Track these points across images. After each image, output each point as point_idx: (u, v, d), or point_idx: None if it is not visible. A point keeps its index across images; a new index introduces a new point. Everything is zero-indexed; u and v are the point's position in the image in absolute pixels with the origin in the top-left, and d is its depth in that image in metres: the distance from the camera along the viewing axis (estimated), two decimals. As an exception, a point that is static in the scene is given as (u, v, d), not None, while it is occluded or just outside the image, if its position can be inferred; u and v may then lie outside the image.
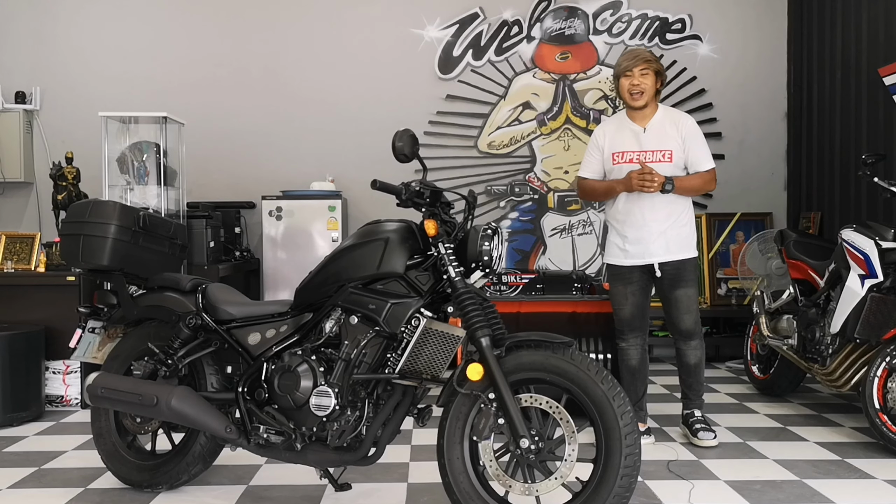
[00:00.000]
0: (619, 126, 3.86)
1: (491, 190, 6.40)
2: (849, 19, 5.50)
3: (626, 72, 3.74)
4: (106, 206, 3.20)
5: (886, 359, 3.64)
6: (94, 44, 6.38)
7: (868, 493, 3.14)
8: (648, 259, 3.77)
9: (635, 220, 3.76)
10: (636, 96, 3.73)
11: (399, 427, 2.74)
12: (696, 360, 3.86)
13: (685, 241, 3.80)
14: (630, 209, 3.77)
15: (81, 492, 3.21)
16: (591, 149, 3.91)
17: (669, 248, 3.75)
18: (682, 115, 3.87)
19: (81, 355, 3.30)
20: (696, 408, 3.91)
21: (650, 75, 3.73)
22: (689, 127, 3.79)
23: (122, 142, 5.31)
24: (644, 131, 3.77)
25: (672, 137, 3.75)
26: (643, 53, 3.78)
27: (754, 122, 6.34)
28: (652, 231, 3.74)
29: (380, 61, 6.38)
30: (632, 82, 3.73)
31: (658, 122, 3.79)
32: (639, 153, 3.76)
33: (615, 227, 3.87)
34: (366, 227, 2.81)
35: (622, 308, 3.87)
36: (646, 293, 3.87)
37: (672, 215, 3.76)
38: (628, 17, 6.38)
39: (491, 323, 2.57)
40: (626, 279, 3.83)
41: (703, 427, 3.82)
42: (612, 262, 3.88)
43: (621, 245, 3.83)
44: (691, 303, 3.81)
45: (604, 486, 2.40)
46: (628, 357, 3.88)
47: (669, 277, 3.78)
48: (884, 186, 3.99)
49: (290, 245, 5.82)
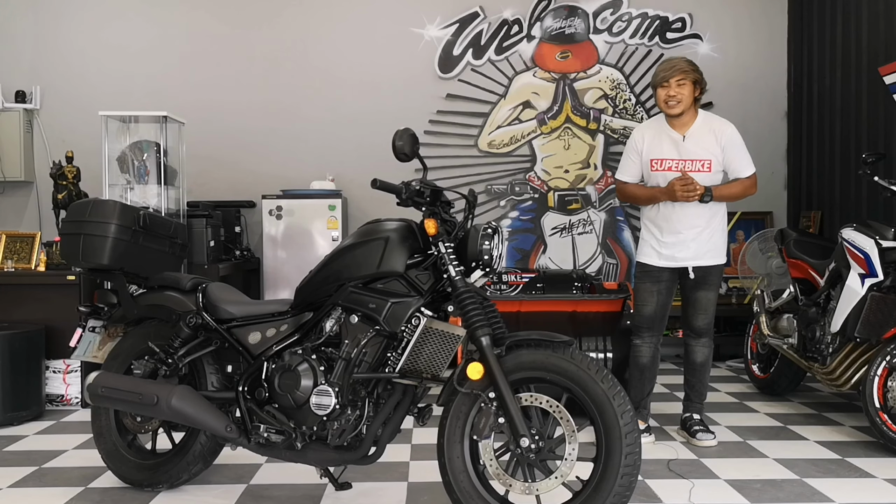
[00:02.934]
0: (657, 132, 3.84)
1: (491, 189, 6.40)
2: (849, 18, 5.50)
3: (662, 82, 3.73)
4: (106, 205, 3.20)
5: (887, 358, 3.64)
6: (95, 43, 6.38)
7: (868, 492, 3.14)
8: (681, 262, 3.80)
9: (672, 226, 3.78)
10: (672, 106, 3.72)
11: (399, 426, 2.75)
12: (702, 359, 3.88)
13: (717, 248, 3.82)
14: (668, 216, 3.79)
15: (82, 491, 3.21)
16: (630, 152, 3.90)
17: (702, 254, 3.78)
18: (722, 123, 3.83)
19: (82, 354, 3.30)
20: (695, 411, 3.93)
21: (687, 85, 3.72)
22: (728, 135, 3.77)
23: (123, 141, 5.31)
24: (683, 139, 3.76)
25: (711, 146, 3.75)
26: (680, 64, 3.75)
27: (754, 121, 6.33)
28: (687, 237, 3.76)
29: (380, 60, 6.38)
30: (668, 93, 3.71)
31: (697, 130, 3.78)
32: (678, 161, 3.76)
33: (651, 230, 3.87)
34: (366, 227, 2.81)
35: (646, 305, 3.87)
36: (671, 294, 3.90)
37: (707, 220, 3.78)
38: (628, 16, 6.37)
39: (491, 322, 2.57)
40: (656, 278, 3.84)
41: (702, 429, 3.84)
42: (645, 261, 3.88)
43: (657, 247, 3.84)
44: (709, 305, 3.85)
45: (604, 485, 2.40)
46: (640, 354, 3.88)
47: (696, 280, 3.81)
48: (884, 185, 3.99)
49: (291, 244, 5.82)
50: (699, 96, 3.80)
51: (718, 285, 3.90)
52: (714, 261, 3.81)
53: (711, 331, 3.92)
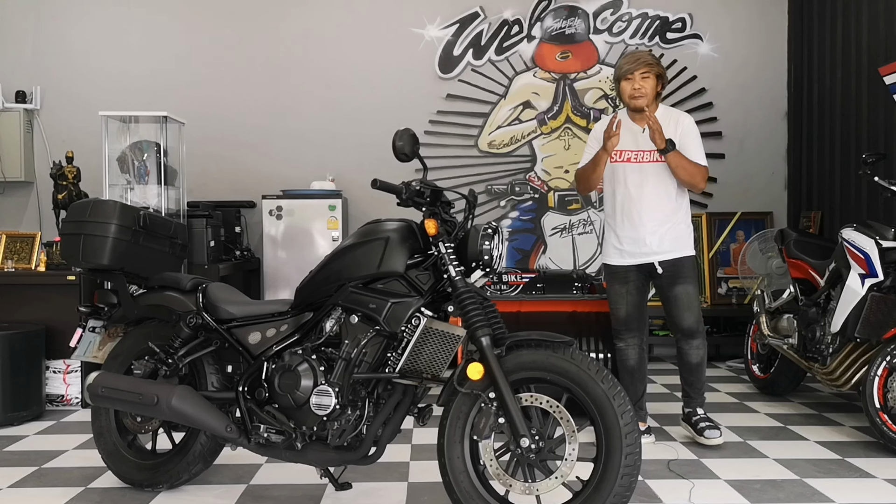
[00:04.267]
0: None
1: (491, 189, 6.40)
2: (849, 18, 5.49)
3: (626, 75, 3.72)
4: (106, 205, 3.19)
5: (887, 358, 3.64)
6: (95, 43, 6.38)
7: (868, 493, 3.14)
8: (644, 258, 3.77)
9: (631, 219, 3.76)
10: (637, 98, 3.72)
11: (399, 426, 2.75)
12: (698, 360, 3.82)
13: (681, 239, 3.77)
14: (626, 208, 3.77)
15: (82, 491, 3.21)
16: (591, 141, 3.90)
17: (665, 247, 3.74)
18: (681, 115, 3.86)
19: (82, 354, 3.30)
20: (699, 406, 3.87)
21: (651, 78, 3.72)
22: (685, 125, 3.78)
23: (123, 141, 5.31)
24: (643, 132, 3.76)
25: (669, 136, 3.73)
26: (644, 57, 3.75)
27: (755, 121, 6.34)
28: (647, 230, 3.73)
29: (380, 60, 6.38)
30: (633, 86, 3.71)
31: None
32: (635, 153, 3.77)
33: (611, 227, 3.87)
34: (366, 227, 2.81)
35: (619, 308, 3.86)
36: (643, 293, 3.86)
37: (668, 214, 3.75)
38: (628, 16, 6.37)
39: (491, 322, 2.57)
40: (623, 279, 3.83)
41: (709, 425, 3.77)
42: (609, 261, 3.88)
43: (617, 245, 3.82)
44: (691, 300, 3.77)
45: (604, 486, 2.40)
46: (626, 357, 3.87)
47: (667, 275, 3.77)
48: (884, 186, 3.99)
49: (291, 244, 5.82)
50: (661, 91, 3.80)
51: (694, 278, 3.80)
52: (679, 253, 3.74)
53: (702, 329, 3.81)
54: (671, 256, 3.75)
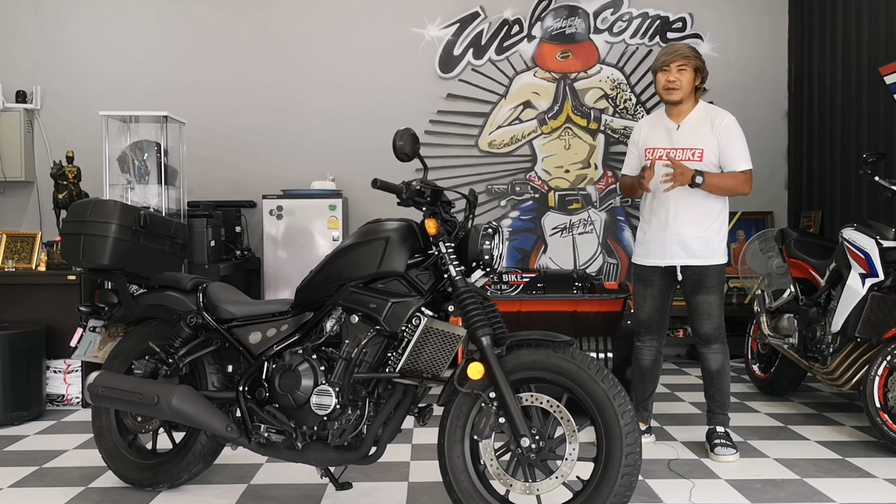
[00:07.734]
0: (655, 122, 3.78)
1: (492, 189, 6.40)
2: (849, 18, 5.49)
3: (662, 66, 3.62)
4: (107, 205, 3.19)
5: (887, 358, 3.64)
6: (95, 43, 6.38)
7: (869, 492, 3.14)
8: (668, 261, 3.65)
9: (659, 220, 3.66)
10: (672, 92, 3.61)
11: (400, 426, 2.74)
12: (717, 366, 3.66)
13: (710, 247, 3.60)
14: (656, 209, 3.68)
15: (82, 491, 3.21)
16: (630, 145, 3.84)
17: (690, 253, 3.60)
18: (722, 113, 3.68)
19: (82, 354, 3.30)
20: (720, 423, 3.67)
21: (688, 71, 3.61)
22: (725, 125, 3.61)
23: (123, 141, 5.31)
24: (678, 128, 3.66)
25: (706, 136, 3.62)
26: (682, 49, 3.64)
27: (755, 120, 6.32)
28: (673, 233, 3.61)
29: (380, 60, 6.38)
30: (668, 78, 3.61)
31: (694, 119, 3.66)
32: (669, 150, 3.62)
33: (641, 226, 3.80)
34: (366, 226, 2.81)
35: (640, 309, 3.78)
36: (666, 296, 3.74)
37: (699, 219, 3.60)
38: (629, 15, 6.37)
39: (491, 322, 2.57)
40: (647, 281, 3.73)
41: (723, 443, 3.60)
42: (635, 260, 3.81)
43: (644, 243, 3.74)
44: (712, 309, 3.63)
45: (604, 485, 2.40)
46: (641, 356, 3.81)
47: (691, 282, 3.64)
48: (884, 185, 3.99)
49: (291, 244, 5.82)
50: (699, 85, 3.68)
51: (719, 288, 3.64)
52: (706, 260, 3.59)
53: (723, 336, 3.68)
54: (696, 263, 3.60)
